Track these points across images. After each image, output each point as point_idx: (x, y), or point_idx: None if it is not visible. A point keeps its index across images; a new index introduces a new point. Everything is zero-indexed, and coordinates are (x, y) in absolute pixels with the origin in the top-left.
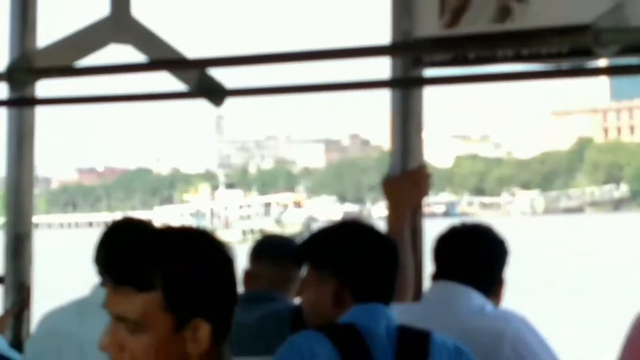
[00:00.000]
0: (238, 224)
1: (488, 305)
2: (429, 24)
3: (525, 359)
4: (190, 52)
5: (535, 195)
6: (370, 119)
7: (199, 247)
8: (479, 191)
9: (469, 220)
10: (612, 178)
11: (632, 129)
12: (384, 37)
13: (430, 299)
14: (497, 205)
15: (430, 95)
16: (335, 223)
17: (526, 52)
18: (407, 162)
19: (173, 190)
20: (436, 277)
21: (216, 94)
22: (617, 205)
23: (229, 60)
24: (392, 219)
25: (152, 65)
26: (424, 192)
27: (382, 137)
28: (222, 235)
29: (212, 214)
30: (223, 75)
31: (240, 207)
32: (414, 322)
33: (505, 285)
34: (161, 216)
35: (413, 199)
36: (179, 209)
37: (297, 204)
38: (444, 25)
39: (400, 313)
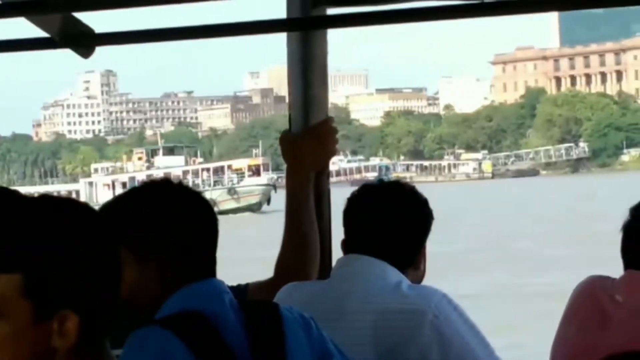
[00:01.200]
0: None
1: (405, 282)
2: None
3: (448, 339)
4: None
5: (482, 157)
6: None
7: (74, 224)
8: (416, 153)
9: (388, 178)
10: (570, 135)
11: (588, 77)
12: None
13: (338, 277)
14: (440, 168)
15: (338, 39)
16: (137, 187)
17: None
18: (310, 116)
19: (57, 160)
20: (347, 245)
21: (83, 40)
22: (576, 166)
23: (99, 2)
24: (293, 183)
25: (5, 9)
26: (330, 150)
27: None
28: None
29: None
30: (93, 21)
31: (184, 175)
32: (321, 303)
33: (425, 256)
34: (80, 188)
35: (318, 159)
36: (106, 179)
37: (255, 170)
38: None
39: (305, 293)
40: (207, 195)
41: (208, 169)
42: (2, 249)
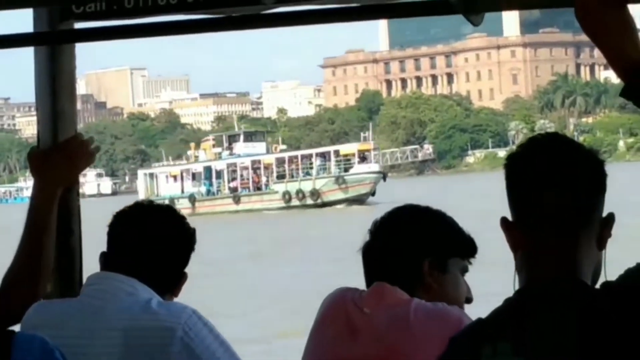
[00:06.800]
0: (276, 185)
1: (155, 299)
2: None
3: (198, 356)
4: None
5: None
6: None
7: None
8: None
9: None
10: (414, 137)
11: (419, 80)
12: None
13: (87, 295)
14: None
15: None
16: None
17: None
18: (59, 132)
19: None
20: (104, 262)
21: None
22: (421, 167)
23: None
24: (40, 198)
25: None
26: (80, 165)
27: (124, 98)
28: (249, 201)
29: (228, 172)
30: None
31: (278, 162)
32: (72, 321)
33: (185, 280)
34: (139, 181)
35: (67, 175)
36: (174, 169)
37: (363, 156)
38: None
39: (55, 312)
40: (309, 185)
41: (309, 156)
42: None
